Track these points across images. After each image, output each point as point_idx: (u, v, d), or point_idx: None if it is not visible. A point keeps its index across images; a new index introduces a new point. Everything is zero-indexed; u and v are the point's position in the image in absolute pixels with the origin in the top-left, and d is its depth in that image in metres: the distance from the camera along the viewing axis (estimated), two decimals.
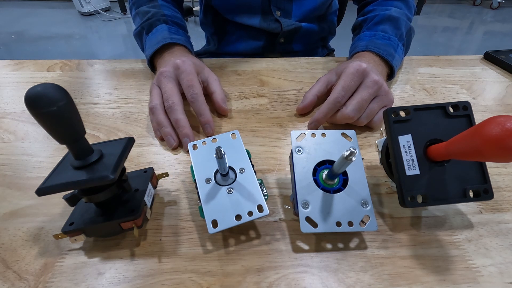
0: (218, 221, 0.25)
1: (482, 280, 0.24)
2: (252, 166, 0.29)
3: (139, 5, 0.55)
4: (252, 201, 0.26)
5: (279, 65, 0.56)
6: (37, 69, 0.54)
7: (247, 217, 0.25)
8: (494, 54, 0.59)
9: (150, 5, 0.54)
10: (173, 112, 0.37)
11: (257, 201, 0.26)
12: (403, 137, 0.27)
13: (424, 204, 0.26)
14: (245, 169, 0.28)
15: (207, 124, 0.39)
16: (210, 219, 0.25)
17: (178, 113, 0.37)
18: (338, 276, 0.24)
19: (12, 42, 2.46)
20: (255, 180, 0.27)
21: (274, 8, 0.61)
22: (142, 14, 0.53)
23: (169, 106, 0.38)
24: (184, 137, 0.36)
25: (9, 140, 0.38)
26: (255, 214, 0.25)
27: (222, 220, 0.25)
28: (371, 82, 0.37)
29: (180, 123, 0.37)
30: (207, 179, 0.28)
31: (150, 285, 0.24)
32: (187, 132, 0.37)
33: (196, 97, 0.39)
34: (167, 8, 0.55)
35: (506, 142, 0.17)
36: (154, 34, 0.50)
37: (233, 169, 0.28)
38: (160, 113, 0.38)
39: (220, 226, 0.25)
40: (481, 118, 0.32)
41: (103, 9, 3.04)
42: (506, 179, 0.33)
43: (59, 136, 0.21)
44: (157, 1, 0.55)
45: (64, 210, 0.29)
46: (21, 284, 0.23)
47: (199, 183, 0.27)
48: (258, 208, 0.25)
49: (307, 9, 0.63)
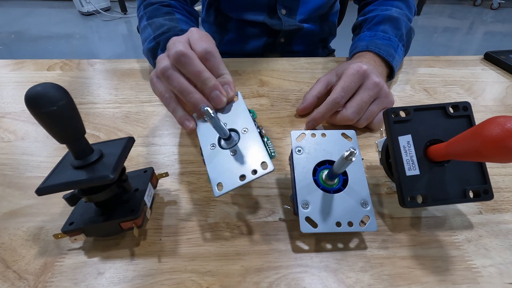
0: (223, 183, 0.24)
1: (482, 281, 0.24)
2: (256, 125, 0.28)
3: (153, 16, 0.49)
4: (256, 159, 0.25)
5: (279, 65, 0.56)
6: (37, 68, 0.54)
7: (251, 175, 0.24)
8: (494, 54, 0.59)
9: (167, 17, 0.48)
10: (190, 62, 0.29)
11: (260, 159, 0.25)
12: (403, 138, 0.27)
13: (424, 204, 0.26)
14: (248, 129, 0.27)
15: (227, 85, 0.31)
16: (216, 183, 0.24)
17: (196, 62, 0.29)
18: (338, 276, 0.24)
19: (12, 42, 2.46)
20: (259, 139, 0.27)
21: (280, 6, 0.61)
22: (155, 27, 0.47)
23: (180, 54, 0.29)
24: (214, 89, 0.29)
25: (9, 139, 0.38)
26: (259, 172, 0.24)
27: (227, 181, 0.24)
28: (371, 84, 0.37)
29: (204, 74, 0.29)
30: (211, 145, 0.27)
31: (149, 285, 0.24)
32: (215, 83, 0.29)
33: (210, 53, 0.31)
34: (184, 22, 0.49)
35: (506, 143, 0.17)
36: None
37: (236, 131, 0.28)
38: (178, 75, 0.30)
39: (225, 188, 0.24)
40: (481, 118, 0.32)
41: (103, 9, 3.03)
42: (506, 179, 0.33)
43: (59, 135, 0.21)
44: (175, 14, 0.50)
45: (64, 210, 0.29)
46: (21, 283, 0.23)
47: (203, 149, 0.27)
48: (262, 166, 0.25)
49: (313, 7, 0.63)
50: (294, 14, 0.63)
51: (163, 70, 0.30)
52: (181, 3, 0.54)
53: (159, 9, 0.50)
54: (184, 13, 0.53)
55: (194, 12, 0.57)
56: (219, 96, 0.29)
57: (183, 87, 0.30)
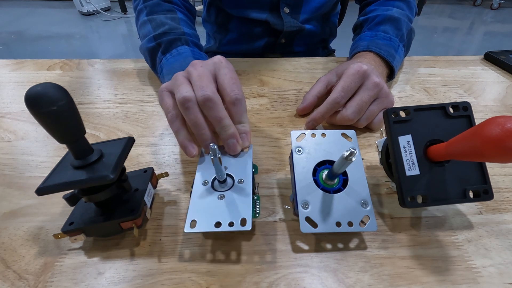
0: (198, 222, 0.24)
1: (482, 281, 0.24)
2: (253, 181, 0.28)
3: (153, 11, 0.48)
4: (238, 213, 0.25)
5: (279, 65, 0.56)
6: (37, 68, 0.54)
7: (226, 226, 0.24)
8: (494, 54, 0.59)
9: (169, 16, 0.47)
10: (215, 107, 0.29)
11: (242, 214, 0.25)
12: (403, 138, 0.27)
13: (424, 204, 0.26)
14: (244, 181, 0.27)
15: (244, 134, 0.31)
16: (190, 218, 0.24)
17: (221, 108, 0.29)
18: (337, 276, 0.24)
19: (12, 42, 2.46)
20: (250, 194, 0.26)
21: (283, 5, 0.61)
22: (156, 24, 0.46)
23: (208, 98, 0.29)
24: (232, 138, 0.29)
25: (9, 139, 0.38)
26: (236, 226, 0.24)
27: (201, 222, 0.24)
28: (371, 84, 0.37)
29: (225, 121, 0.29)
30: (204, 181, 0.27)
31: (149, 285, 0.24)
32: (234, 132, 0.29)
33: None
34: (186, 23, 0.48)
35: (506, 143, 0.17)
36: (176, 57, 0.42)
37: (233, 178, 0.28)
38: (197, 110, 0.30)
39: (198, 227, 0.24)
40: (481, 118, 0.32)
41: (104, 9, 3.04)
42: (506, 179, 0.33)
43: (59, 135, 0.21)
44: (176, 13, 0.49)
45: (64, 210, 0.29)
46: (21, 283, 0.23)
47: (195, 183, 0.27)
48: (241, 221, 0.24)
49: (316, 5, 0.62)
50: (298, 13, 0.62)
51: (184, 101, 0.29)
52: (181, 0, 0.53)
53: (160, 4, 0.49)
54: (185, 11, 0.52)
55: (192, 10, 0.56)
56: (235, 145, 0.29)
57: (199, 122, 0.30)
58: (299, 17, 0.63)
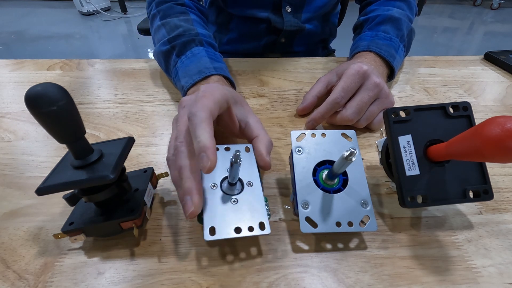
0: (217, 229, 0.24)
1: (482, 281, 0.24)
2: (261, 182, 0.28)
3: (167, 15, 0.48)
4: (255, 217, 0.25)
5: (279, 65, 0.56)
6: (37, 68, 0.54)
7: (247, 231, 0.24)
8: (494, 54, 0.59)
9: (182, 18, 0.47)
10: (180, 155, 0.26)
11: (260, 218, 0.25)
12: (403, 138, 0.27)
13: (424, 204, 0.26)
14: (253, 183, 0.27)
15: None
16: (208, 226, 0.24)
17: (184, 158, 0.25)
18: (337, 276, 0.24)
19: (12, 42, 2.46)
20: (262, 197, 0.26)
21: (285, 4, 0.61)
22: (170, 28, 0.46)
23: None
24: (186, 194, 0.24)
25: (9, 139, 0.38)
26: (256, 231, 0.24)
27: (221, 229, 0.24)
28: (371, 85, 0.37)
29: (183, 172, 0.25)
30: (212, 184, 0.27)
31: (150, 285, 0.24)
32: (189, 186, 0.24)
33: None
34: (199, 24, 0.48)
35: (506, 143, 0.17)
36: (191, 59, 0.42)
37: (241, 181, 0.28)
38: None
39: (217, 234, 0.24)
40: (481, 118, 0.32)
41: (104, 9, 3.03)
42: (506, 179, 0.33)
43: (59, 135, 0.21)
44: (189, 15, 0.48)
45: (64, 210, 0.29)
46: (21, 283, 0.23)
47: (205, 186, 0.27)
48: (260, 225, 0.24)
49: (319, 5, 0.62)
50: (300, 12, 0.62)
51: (179, 136, 0.27)
52: (194, 2, 0.53)
53: (173, 7, 0.49)
54: (198, 13, 0.52)
55: (205, 11, 0.55)
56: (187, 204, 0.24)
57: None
58: (301, 16, 0.63)
